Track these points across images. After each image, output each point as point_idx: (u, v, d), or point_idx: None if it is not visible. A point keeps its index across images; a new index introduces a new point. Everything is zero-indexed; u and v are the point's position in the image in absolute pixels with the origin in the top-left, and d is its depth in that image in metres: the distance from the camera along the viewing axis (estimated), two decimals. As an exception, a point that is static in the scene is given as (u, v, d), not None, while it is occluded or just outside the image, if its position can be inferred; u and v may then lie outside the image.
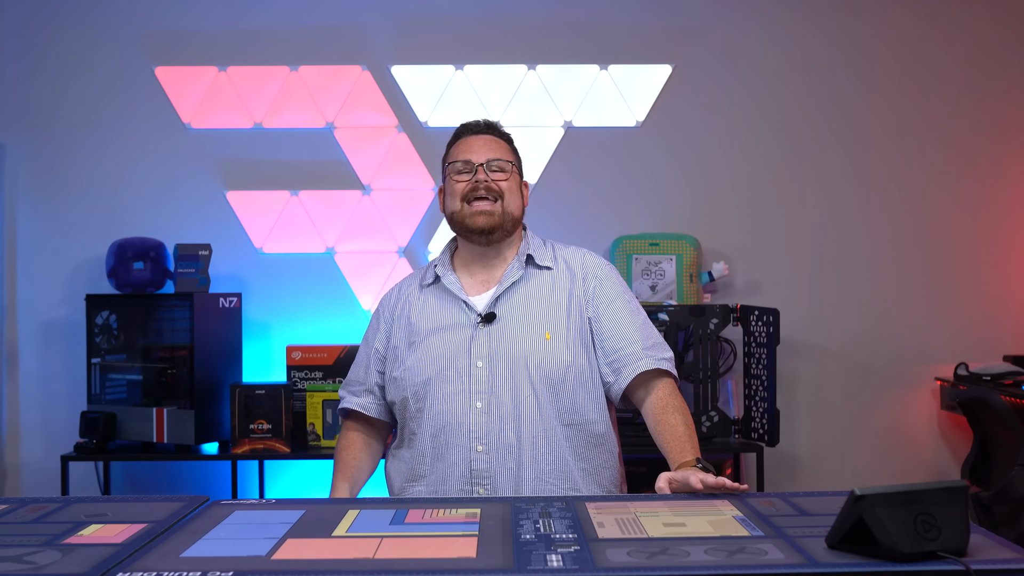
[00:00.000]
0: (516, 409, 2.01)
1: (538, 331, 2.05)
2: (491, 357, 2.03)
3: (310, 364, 3.65)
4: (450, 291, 2.12)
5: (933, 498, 1.31)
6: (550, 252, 2.17)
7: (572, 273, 2.13)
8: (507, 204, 2.11)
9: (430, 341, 2.08)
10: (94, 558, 1.38)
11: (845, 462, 3.90)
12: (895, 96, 3.93)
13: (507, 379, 2.02)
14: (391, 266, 3.90)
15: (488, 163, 2.12)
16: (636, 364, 2.05)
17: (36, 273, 3.89)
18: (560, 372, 2.03)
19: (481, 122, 2.23)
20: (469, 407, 2.01)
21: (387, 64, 3.90)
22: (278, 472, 3.88)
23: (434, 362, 2.05)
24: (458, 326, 2.08)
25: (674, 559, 1.33)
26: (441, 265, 2.17)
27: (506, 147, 2.19)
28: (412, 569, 1.31)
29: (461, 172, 2.13)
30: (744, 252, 3.90)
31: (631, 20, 3.91)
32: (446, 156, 2.21)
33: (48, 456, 3.78)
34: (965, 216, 3.94)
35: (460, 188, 2.11)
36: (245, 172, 3.90)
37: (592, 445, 2.06)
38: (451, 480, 2.00)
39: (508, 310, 2.08)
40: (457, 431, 2.01)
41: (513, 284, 2.10)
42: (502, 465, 1.99)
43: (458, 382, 2.02)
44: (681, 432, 1.96)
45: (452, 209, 2.13)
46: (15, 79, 3.89)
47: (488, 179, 2.10)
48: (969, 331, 3.90)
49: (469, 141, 2.18)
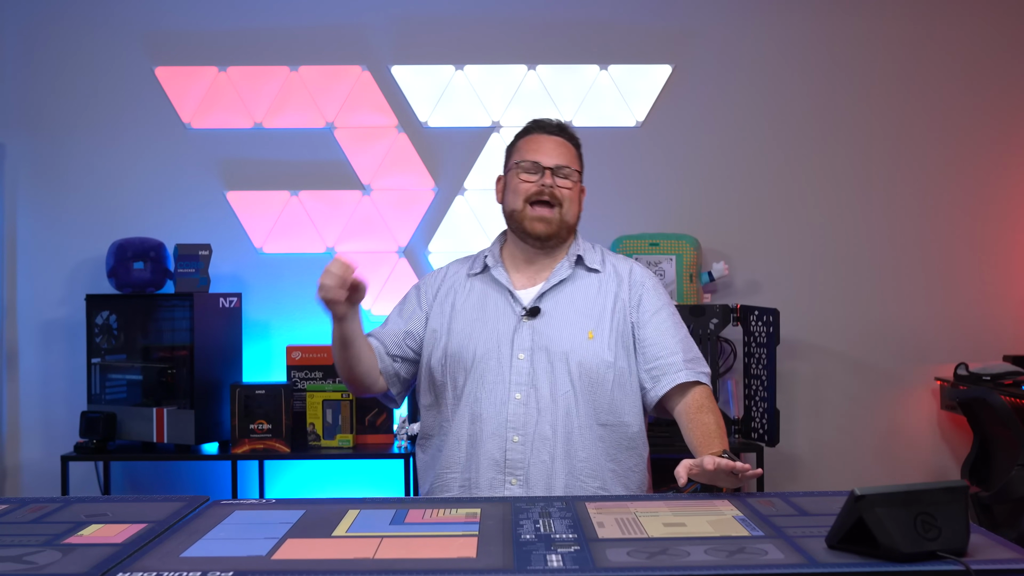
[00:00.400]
0: (554, 403, 2.02)
1: (581, 329, 2.07)
2: (533, 350, 2.04)
3: (310, 364, 3.65)
4: (498, 281, 2.13)
5: (933, 498, 1.32)
6: (599, 256, 2.19)
7: (619, 279, 2.14)
8: (565, 212, 2.11)
9: (473, 329, 2.09)
10: (94, 558, 1.38)
11: (845, 462, 3.90)
12: (895, 96, 3.93)
13: (547, 373, 2.03)
14: (391, 266, 3.90)
15: (557, 168, 2.11)
16: (676, 375, 2.06)
17: (36, 273, 3.89)
18: (600, 371, 2.04)
19: (554, 122, 2.20)
20: (508, 397, 2.02)
21: (387, 64, 3.90)
22: (278, 472, 3.88)
23: (476, 350, 2.06)
24: (502, 317, 2.09)
25: (674, 559, 1.33)
26: (491, 256, 2.17)
27: (574, 153, 2.17)
28: (412, 569, 1.31)
29: (528, 172, 2.12)
30: (744, 252, 3.90)
31: (631, 20, 3.91)
32: (512, 148, 2.20)
33: (48, 456, 3.78)
34: (965, 216, 3.94)
35: (524, 188, 2.11)
36: (245, 172, 3.90)
37: (624, 447, 2.07)
38: (484, 468, 2.01)
39: (553, 306, 2.09)
40: (494, 420, 2.01)
41: (560, 282, 2.12)
42: (536, 457, 2.00)
43: (499, 372, 2.04)
44: (712, 429, 1.97)
45: (513, 207, 2.13)
46: (15, 79, 3.89)
47: (554, 185, 2.10)
48: (969, 331, 3.90)
49: (540, 140, 2.16)
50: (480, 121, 3.91)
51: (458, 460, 2.05)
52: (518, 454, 2.00)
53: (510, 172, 2.16)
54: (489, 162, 3.89)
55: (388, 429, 3.64)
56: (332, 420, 3.57)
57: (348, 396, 3.56)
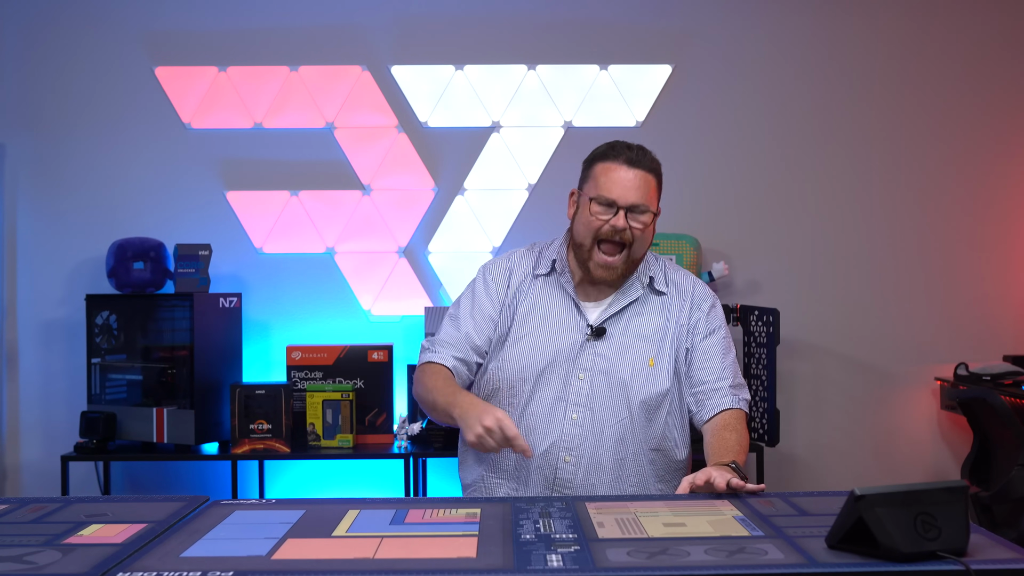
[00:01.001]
0: (610, 428, 2.02)
1: (643, 355, 2.05)
2: (593, 372, 2.03)
3: (310, 364, 3.65)
4: (565, 291, 2.10)
5: (933, 498, 1.32)
6: (663, 274, 2.14)
7: (682, 301, 2.11)
8: (635, 251, 2.05)
9: (535, 340, 2.06)
10: (94, 558, 1.38)
11: (845, 462, 3.90)
12: (895, 96, 3.93)
13: (606, 397, 2.02)
14: (391, 266, 3.90)
15: (632, 208, 2.02)
16: (721, 400, 2.05)
17: (36, 273, 3.89)
18: (657, 400, 2.04)
19: (636, 151, 2.05)
20: (564, 416, 2.02)
21: (387, 64, 3.90)
22: (278, 472, 3.88)
23: (537, 363, 2.04)
24: (567, 330, 2.06)
25: (674, 559, 1.33)
26: (560, 260, 2.12)
27: (654, 184, 2.05)
28: (412, 569, 1.31)
29: (603, 206, 2.02)
30: (744, 252, 3.90)
31: (631, 20, 3.91)
32: (589, 170, 2.08)
33: (48, 456, 3.77)
34: (965, 216, 3.94)
35: (595, 225, 2.03)
36: (245, 172, 3.90)
37: (673, 471, 2.08)
38: (532, 483, 2.02)
39: (618, 329, 2.07)
40: (547, 436, 2.01)
41: (629, 304, 2.09)
42: (586, 480, 2.00)
43: (558, 388, 2.03)
44: (731, 444, 1.97)
45: (581, 240, 2.06)
46: (15, 79, 3.89)
47: (627, 227, 2.01)
48: (969, 331, 3.90)
49: (620, 173, 2.02)
50: (480, 121, 3.91)
51: (506, 468, 2.05)
52: (568, 474, 2.01)
53: (583, 198, 2.07)
54: (489, 162, 3.89)
55: (388, 429, 3.64)
56: (332, 420, 3.56)
57: (348, 396, 3.56)
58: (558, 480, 2.01)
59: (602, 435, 2.01)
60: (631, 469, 2.02)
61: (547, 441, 2.01)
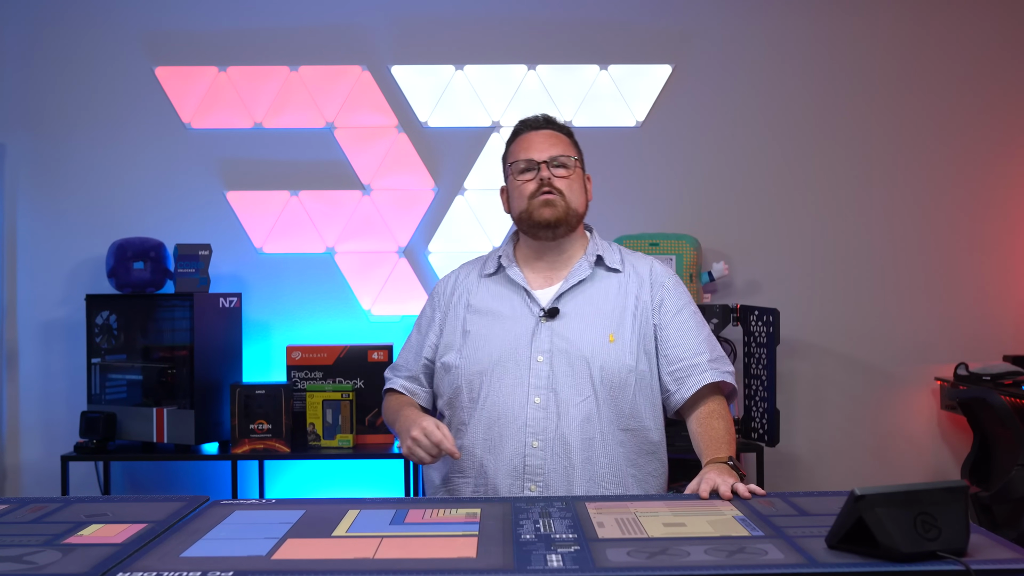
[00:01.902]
0: (575, 408, 1.98)
1: (602, 332, 2.02)
2: (552, 353, 2.00)
3: (310, 364, 3.65)
4: (513, 282, 2.09)
5: (933, 498, 1.32)
6: (618, 255, 2.14)
7: (640, 279, 2.10)
8: (570, 200, 2.07)
9: (490, 331, 2.05)
10: (94, 558, 1.38)
11: (845, 462, 3.90)
12: (895, 96, 3.93)
13: (568, 377, 1.99)
14: (391, 266, 3.90)
15: (551, 160, 2.08)
16: (701, 376, 2.03)
17: (36, 273, 3.89)
18: (622, 376, 2.00)
19: (540, 117, 2.18)
20: (527, 401, 1.98)
21: (387, 64, 3.90)
22: (278, 472, 3.88)
23: (493, 352, 2.02)
24: (519, 318, 2.04)
25: (674, 559, 1.33)
26: (505, 256, 2.13)
27: (567, 141, 2.14)
28: (412, 569, 1.31)
29: (524, 171, 2.09)
30: (744, 252, 3.90)
31: (631, 20, 3.91)
32: (506, 155, 2.17)
33: (48, 456, 3.78)
34: (965, 216, 3.94)
35: (527, 189, 2.07)
36: (245, 172, 3.90)
37: (645, 452, 2.04)
38: (502, 474, 1.97)
39: (572, 308, 2.04)
40: (512, 424, 1.97)
41: (580, 282, 2.07)
42: (556, 463, 1.96)
43: (517, 374, 1.99)
44: (720, 434, 1.96)
45: (519, 209, 2.09)
46: (15, 79, 3.89)
47: (552, 176, 2.06)
48: (969, 331, 3.90)
49: (529, 138, 2.13)
50: (480, 121, 3.91)
51: (472, 464, 2.01)
52: (538, 460, 1.96)
53: (509, 179, 2.13)
54: (489, 162, 3.89)
55: (388, 429, 3.63)
56: (332, 420, 3.57)
57: (348, 396, 3.56)
58: (528, 468, 1.95)
59: (568, 415, 1.97)
60: (600, 449, 1.97)
61: (512, 428, 1.97)
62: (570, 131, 2.18)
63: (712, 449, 1.93)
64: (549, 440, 1.96)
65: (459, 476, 2.03)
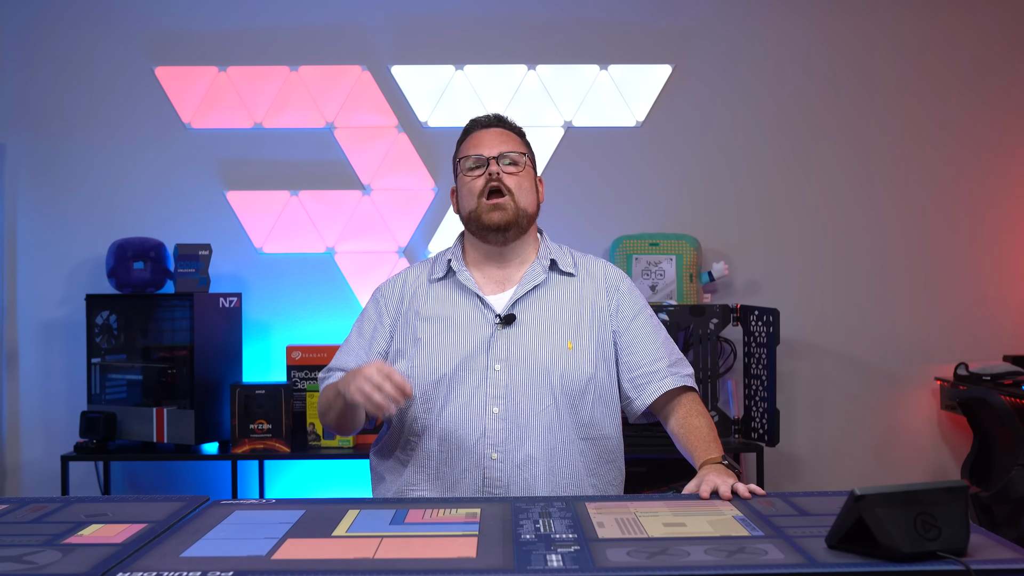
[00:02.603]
0: (535, 418, 1.91)
1: (560, 339, 1.96)
2: (509, 361, 1.93)
3: (310, 364, 3.65)
4: (465, 287, 2.01)
5: (933, 498, 1.32)
6: (571, 259, 2.08)
7: (595, 283, 2.05)
8: (519, 200, 2.00)
9: (443, 339, 1.96)
10: (94, 558, 1.38)
11: (845, 462, 3.90)
12: (895, 96, 3.93)
13: (527, 386, 1.92)
14: (391, 266, 3.90)
15: (500, 156, 2.03)
16: (661, 382, 2.00)
17: (36, 273, 3.89)
18: (581, 384, 1.95)
19: (491, 116, 2.14)
20: (485, 411, 1.91)
21: (387, 64, 3.90)
22: (278, 472, 3.88)
23: (448, 361, 1.94)
24: (473, 325, 1.97)
25: (674, 559, 1.33)
26: (455, 259, 2.05)
27: (518, 140, 2.09)
28: (412, 569, 1.31)
29: (473, 168, 2.03)
30: (744, 252, 3.90)
31: (631, 20, 3.91)
32: (456, 154, 2.12)
33: (48, 456, 3.77)
34: (965, 216, 3.94)
35: (476, 185, 2.01)
36: (245, 172, 3.90)
37: (604, 461, 2.00)
38: (461, 487, 1.91)
39: (529, 314, 1.98)
40: (470, 436, 1.90)
41: (534, 287, 2.01)
42: (517, 475, 1.90)
43: (474, 384, 1.92)
44: (706, 433, 1.93)
45: (468, 208, 2.02)
46: (15, 79, 3.89)
47: (500, 172, 2.00)
48: (969, 331, 3.90)
49: (479, 135, 2.09)
50: (480, 121, 3.90)
51: (427, 477, 1.94)
52: (498, 472, 1.89)
53: (459, 177, 2.07)
54: (489, 162, 3.89)
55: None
56: (332, 420, 3.56)
57: (348, 396, 3.55)
58: (487, 480, 1.89)
59: (528, 426, 1.90)
60: (561, 460, 1.92)
61: (471, 440, 1.90)
62: (522, 131, 2.14)
63: (702, 449, 1.90)
64: (510, 452, 1.90)
65: (412, 488, 1.96)
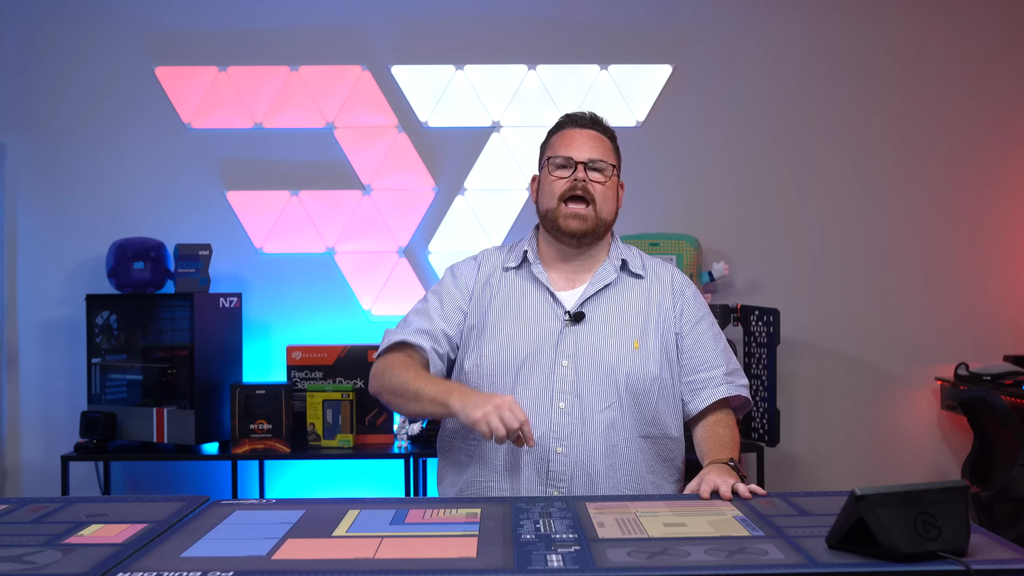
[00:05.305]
0: (600, 415, 1.94)
1: (627, 339, 1.99)
2: (577, 357, 1.96)
3: (310, 364, 3.65)
4: (538, 280, 2.03)
5: (933, 498, 1.32)
6: (639, 261, 2.10)
7: (663, 287, 2.07)
8: (600, 209, 2.02)
9: (513, 330, 1.99)
10: (94, 558, 1.38)
11: (845, 462, 3.90)
12: (895, 96, 3.93)
13: (593, 383, 1.95)
14: (391, 266, 3.90)
15: (589, 162, 2.03)
16: (716, 389, 2.02)
17: (36, 273, 3.89)
18: (646, 384, 1.97)
19: (587, 115, 2.12)
20: (551, 405, 1.94)
21: (387, 64, 3.90)
22: (278, 472, 3.88)
23: (517, 353, 1.97)
24: (544, 320, 1.99)
25: (674, 559, 1.33)
26: (531, 251, 2.07)
27: (609, 146, 2.09)
28: (412, 569, 1.31)
29: (561, 168, 2.03)
30: (744, 252, 3.90)
31: (631, 20, 3.91)
32: (545, 145, 2.11)
33: (48, 456, 3.77)
34: (965, 216, 3.94)
35: (559, 187, 2.01)
36: (245, 172, 3.90)
37: (664, 459, 2.02)
38: (524, 478, 1.93)
39: (598, 313, 2.00)
40: (536, 429, 1.91)
41: (604, 287, 2.03)
42: (580, 469, 1.93)
43: (541, 378, 1.95)
44: (725, 440, 1.96)
45: (547, 207, 2.03)
46: (15, 79, 3.89)
47: (587, 179, 2.01)
48: (969, 331, 3.90)
49: (572, 134, 2.07)
50: (480, 121, 3.90)
51: (495, 467, 1.96)
52: (561, 465, 1.92)
53: (543, 171, 2.07)
54: (489, 162, 3.89)
55: (388, 429, 3.64)
56: (332, 420, 3.56)
57: (348, 396, 3.56)
58: (551, 473, 1.92)
59: (592, 421, 1.93)
60: (623, 457, 1.95)
61: (536, 434, 1.91)
62: (614, 135, 2.13)
63: (714, 452, 1.92)
64: (574, 446, 1.93)
65: (480, 480, 1.98)
